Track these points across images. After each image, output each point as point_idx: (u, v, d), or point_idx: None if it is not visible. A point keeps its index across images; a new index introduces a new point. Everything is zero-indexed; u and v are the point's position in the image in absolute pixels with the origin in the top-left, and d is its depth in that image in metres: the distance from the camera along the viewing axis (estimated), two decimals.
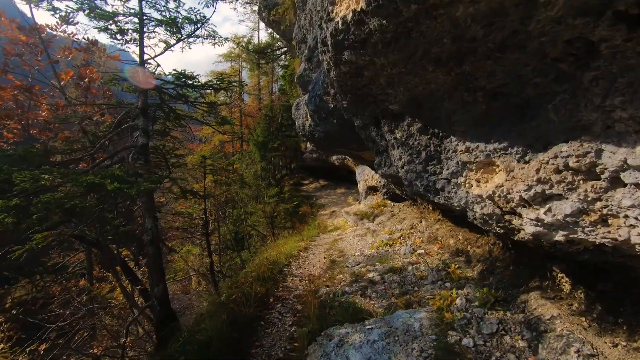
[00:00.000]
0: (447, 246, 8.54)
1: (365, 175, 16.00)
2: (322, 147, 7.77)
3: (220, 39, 7.75)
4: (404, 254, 8.66)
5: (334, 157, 23.73)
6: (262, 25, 23.52)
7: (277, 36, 18.84)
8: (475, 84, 2.78)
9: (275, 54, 19.69)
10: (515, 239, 3.27)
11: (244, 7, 21.30)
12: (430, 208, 10.20)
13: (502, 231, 3.32)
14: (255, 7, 25.35)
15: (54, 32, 8.71)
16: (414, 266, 7.60)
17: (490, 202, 2.98)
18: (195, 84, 7.46)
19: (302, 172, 29.55)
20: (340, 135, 6.47)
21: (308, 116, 6.98)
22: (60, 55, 7.97)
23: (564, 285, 5.03)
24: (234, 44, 17.48)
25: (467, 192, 3.28)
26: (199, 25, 7.19)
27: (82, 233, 8.88)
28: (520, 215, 2.84)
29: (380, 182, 14.49)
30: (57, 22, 8.51)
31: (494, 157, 2.83)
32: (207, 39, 7.69)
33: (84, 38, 7.64)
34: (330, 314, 5.97)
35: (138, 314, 7.34)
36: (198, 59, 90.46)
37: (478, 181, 3.11)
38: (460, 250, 8.01)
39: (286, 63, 22.83)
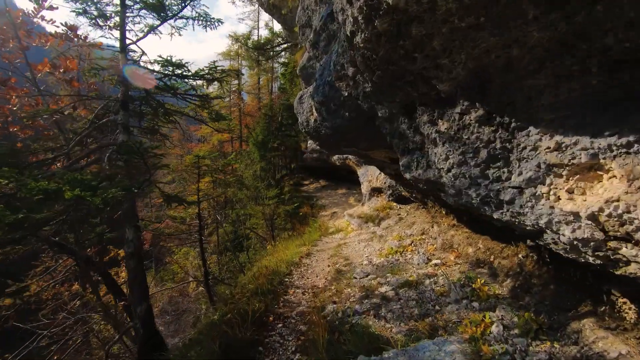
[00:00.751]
0: (465, 255, 7.59)
1: (369, 176, 15.04)
2: (327, 146, 6.81)
3: (213, 20, 6.76)
4: (418, 264, 7.70)
5: (335, 157, 22.77)
6: (261, 24, 22.58)
7: (277, 31, 17.88)
8: (591, 46, 1.83)
9: (275, 51, 18.71)
10: (617, 273, 2.33)
11: (244, 2, 20.31)
12: (443, 212, 9.24)
13: (597, 262, 2.37)
14: (254, 5, 24.39)
15: (35, 19, 7.72)
16: (431, 280, 6.64)
17: (590, 222, 2.05)
18: (184, 73, 6.48)
19: (302, 172, 28.57)
20: (350, 132, 5.50)
21: (313, 110, 6.01)
22: (36, 42, 6.96)
23: (626, 313, 4.06)
24: (232, 40, 16.55)
25: (551, 207, 2.33)
26: (186, 3, 6.17)
27: (62, 240, 7.91)
28: (638, 244, 1.91)
29: (385, 183, 13.54)
30: (34, 8, 7.51)
31: (604, 158, 1.89)
32: (197, 20, 6.67)
33: (61, 23, 6.66)
34: (340, 340, 5.01)
35: (119, 337, 6.39)
36: (196, 58, 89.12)
37: (570, 192, 2.17)
38: (481, 260, 7.06)
39: (286, 60, 21.84)
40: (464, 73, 2.44)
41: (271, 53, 18.92)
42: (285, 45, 18.16)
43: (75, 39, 6.73)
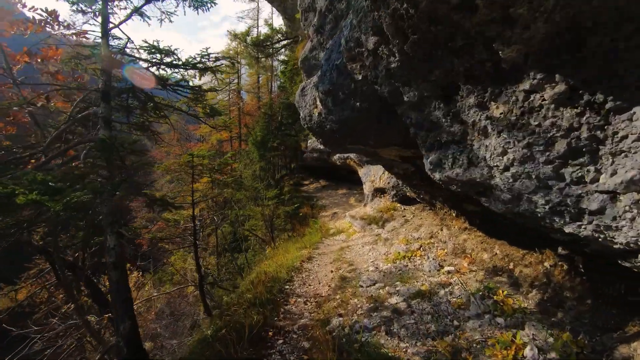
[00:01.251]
0: (481, 262, 6.95)
1: (372, 176, 14.40)
2: (331, 143, 6.14)
3: (205, 1, 6.09)
4: (429, 271, 7.05)
5: (336, 157, 22.12)
6: (261, 22, 21.89)
7: (277, 27, 17.21)
8: None
9: (274, 47, 18.04)
10: None
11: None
12: (453, 214, 8.60)
13: None
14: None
15: (17, 6, 7.04)
16: (446, 290, 5.99)
17: None
18: (174, 62, 5.81)
19: (302, 172, 27.91)
20: (360, 125, 4.82)
21: (317, 102, 5.36)
22: (13, 30, 6.28)
23: None
24: (231, 37, 15.84)
25: None
26: None
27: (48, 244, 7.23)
28: None
29: (388, 183, 12.89)
30: None
31: None
32: (186, 0, 5.99)
33: (40, 9, 5.99)
34: None
35: (100, 356, 5.73)
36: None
37: None
38: (498, 268, 6.42)
39: (286, 58, 21.18)
40: (545, 30, 1.76)
41: (270, 50, 18.23)
42: (285, 42, 17.48)
43: (56, 26, 6.05)
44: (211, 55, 6.24)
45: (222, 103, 28.60)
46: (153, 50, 5.56)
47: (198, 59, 6.12)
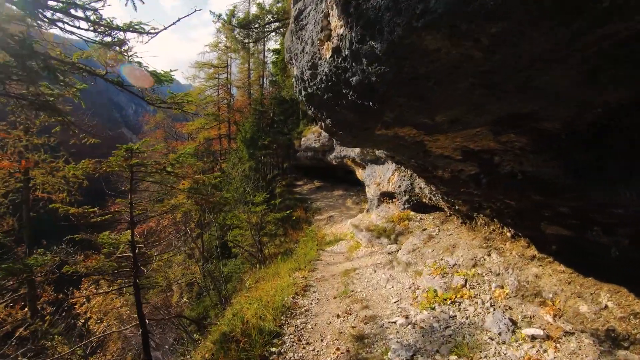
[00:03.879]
0: (575, 316, 4.18)
1: (377, 178, 11.58)
2: (364, 118, 3.24)
3: None
4: (498, 333, 4.24)
5: (332, 156, 19.31)
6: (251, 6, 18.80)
7: (268, 7, 14.27)
8: None
9: (265, 30, 15.10)
10: None
11: None
12: (508, 233, 5.82)
13: None
14: None
15: None
16: None
17: None
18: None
19: (295, 172, 24.97)
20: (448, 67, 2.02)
21: (333, 23, 2.51)
22: None
23: None
24: (214, 18, 12.87)
25: None
26: None
27: None
28: None
29: (399, 186, 10.09)
30: None
31: None
32: None
33: None
34: None
35: None
36: (188, 56, 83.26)
37: None
38: (619, 334, 3.66)
39: (277, 46, 18.21)
40: None
41: (260, 33, 15.32)
42: (276, 25, 14.63)
43: None
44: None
45: (209, 99, 25.42)
46: None
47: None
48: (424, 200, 9.34)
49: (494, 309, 4.78)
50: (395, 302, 5.62)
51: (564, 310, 4.40)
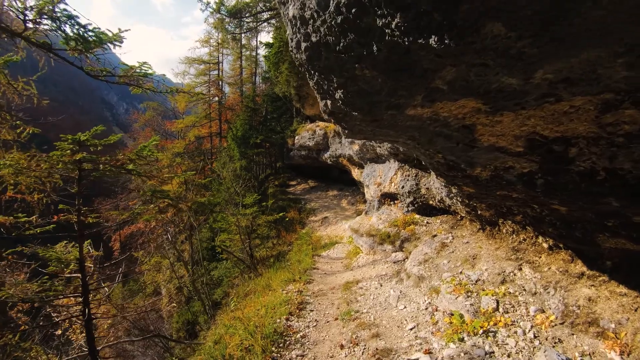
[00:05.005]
0: None
1: (378, 178, 10.50)
2: (373, 93, 2.10)
3: None
4: None
5: (327, 155, 18.20)
6: None
7: None
8: None
9: (257, 19, 13.78)
10: None
11: None
12: (544, 244, 4.78)
13: None
14: None
15: None
16: None
17: None
18: None
19: (288, 171, 23.76)
20: None
21: None
22: None
23: None
24: (202, 4, 11.62)
25: None
26: None
27: None
28: None
29: (402, 187, 9.03)
30: None
31: None
32: None
33: None
34: None
35: None
36: (179, 53, 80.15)
37: None
38: None
39: (270, 40, 16.94)
40: None
41: (251, 24, 14.02)
42: (269, 14, 13.37)
43: None
44: None
45: (199, 96, 23.99)
46: None
47: None
48: (431, 202, 8.29)
49: (540, 342, 3.71)
50: (411, 330, 4.51)
51: (633, 346, 3.37)
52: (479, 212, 5.42)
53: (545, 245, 4.75)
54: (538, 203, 3.76)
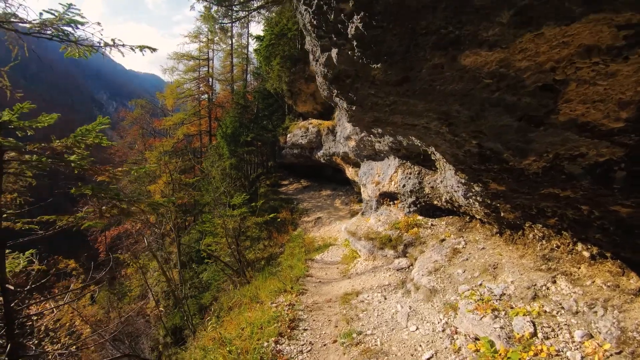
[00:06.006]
0: None
1: (376, 176, 9.60)
2: (414, 27, 1.14)
3: None
4: None
5: (320, 153, 17.27)
6: None
7: None
8: None
9: (247, 8, 12.67)
10: None
11: None
12: (586, 253, 3.92)
13: None
14: None
15: None
16: None
17: None
18: None
19: (280, 170, 22.72)
20: None
21: None
22: None
23: None
24: None
25: None
26: None
27: None
28: None
29: (403, 186, 8.15)
30: None
31: None
32: None
33: None
34: None
35: None
36: (170, 50, 77.30)
37: None
38: None
39: (261, 33, 15.88)
40: None
41: (241, 12, 12.98)
42: (259, 3, 12.37)
43: None
44: None
45: (188, 92, 22.78)
46: None
47: None
48: (436, 202, 7.43)
49: None
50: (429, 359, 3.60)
51: None
52: (502, 214, 4.55)
53: (586, 254, 3.90)
54: (595, 203, 2.89)
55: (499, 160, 2.75)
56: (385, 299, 5.32)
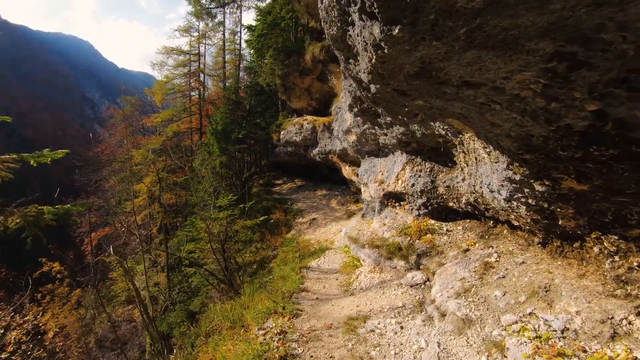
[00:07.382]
0: None
1: (379, 174, 8.40)
2: None
3: None
4: None
5: (315, 152, 16.05)
6: None
7: None
8: None
9: None
10: None
11: None
12: None
13: None
14: None
15: None
16: None
17: None
18: None
19: (274, 169, 21.42)
20: None
21: None
22: None
23: None
24: None
25: None
26: None
27: None
28: None
29: (412, 185, 6.96)
30: None
31: None
32: None
33: None
34: None
35: None
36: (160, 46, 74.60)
37: None
38: None
39: (254, 22, 14.55)
40: None
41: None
42: None
43: None
44: None
45: (178, 88, 21.30)
46: None
47: None
48: (451, 204, 6.26)
49: None
50: None
51: None
52: (560, 221, 3.38)
53: None
54: None
55: (625, 141, 1.57)
56: (402, 328, 4.11)
